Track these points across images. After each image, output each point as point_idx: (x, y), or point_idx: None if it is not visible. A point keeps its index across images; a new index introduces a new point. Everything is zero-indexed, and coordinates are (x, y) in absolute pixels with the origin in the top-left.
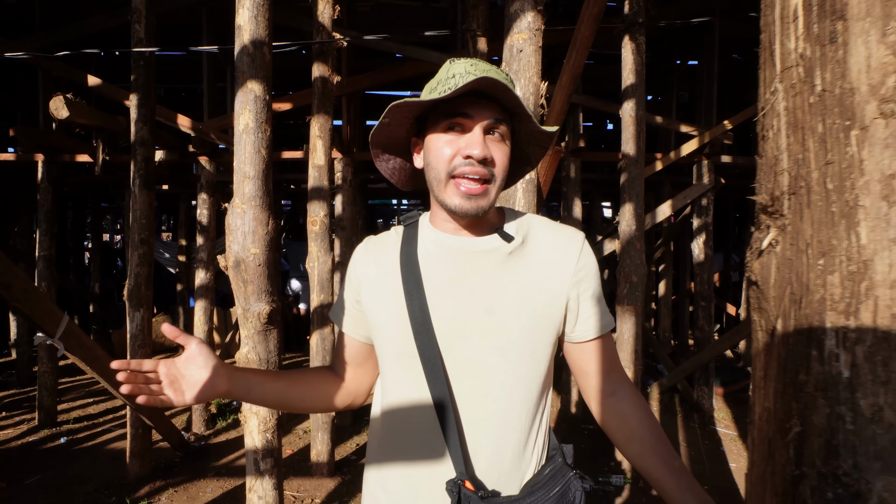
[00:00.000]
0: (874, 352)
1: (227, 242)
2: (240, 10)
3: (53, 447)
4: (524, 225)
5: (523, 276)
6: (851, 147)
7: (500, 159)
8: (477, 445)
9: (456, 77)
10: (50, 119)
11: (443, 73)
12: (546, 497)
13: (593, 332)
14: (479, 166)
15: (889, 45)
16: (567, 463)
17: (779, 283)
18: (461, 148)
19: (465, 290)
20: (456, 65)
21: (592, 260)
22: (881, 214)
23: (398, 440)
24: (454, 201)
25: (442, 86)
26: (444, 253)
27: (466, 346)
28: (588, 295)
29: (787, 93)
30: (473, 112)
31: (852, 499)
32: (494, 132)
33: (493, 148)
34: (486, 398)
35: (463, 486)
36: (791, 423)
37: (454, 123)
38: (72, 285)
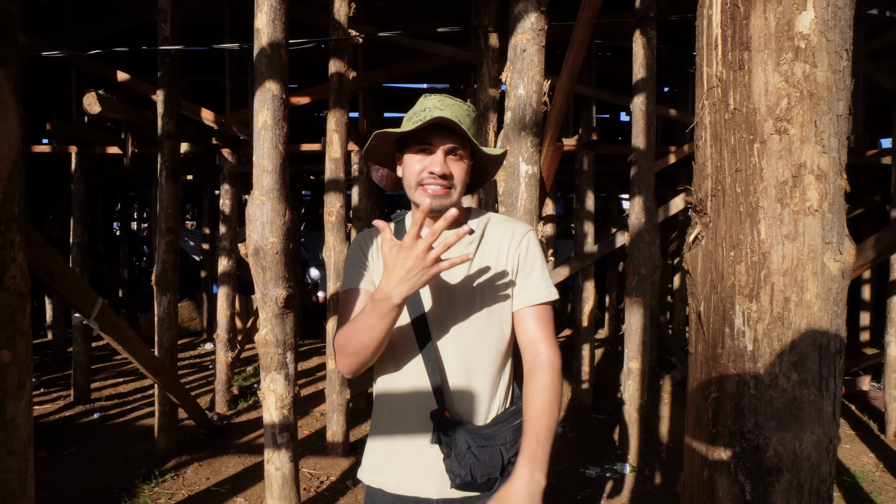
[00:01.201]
0: (771, 329)
1: (247, 232)
2: (258, 14)
3: (87, 422)
4: (484, 221)
5: (482, 259)
6: (754, 157)
7: (458, 173)
8: (454, 388)
9: (426, 111)
10: (82, 113)
11: (418, 105)
12: (506, 427)
13: (523, 304)
14: (439, 179)
15: (782, 74)
16: None
17: (703, 272)
18: (426, 166)
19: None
20: (428, 100)
21: (534, 246)
22: (776, 214)
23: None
24: (424, 200)
25: (416, 116)
26: None
27: (446, 313)
28: (524, 274)
29: (710, 109)
30: (435, 140)
31: (754, 451)
32: (454, 153)
33: (453, 165)
34: (461, 353)
35: (443, 414)
36: (710, 390)
37: (422, 148)
38: (102, 271)
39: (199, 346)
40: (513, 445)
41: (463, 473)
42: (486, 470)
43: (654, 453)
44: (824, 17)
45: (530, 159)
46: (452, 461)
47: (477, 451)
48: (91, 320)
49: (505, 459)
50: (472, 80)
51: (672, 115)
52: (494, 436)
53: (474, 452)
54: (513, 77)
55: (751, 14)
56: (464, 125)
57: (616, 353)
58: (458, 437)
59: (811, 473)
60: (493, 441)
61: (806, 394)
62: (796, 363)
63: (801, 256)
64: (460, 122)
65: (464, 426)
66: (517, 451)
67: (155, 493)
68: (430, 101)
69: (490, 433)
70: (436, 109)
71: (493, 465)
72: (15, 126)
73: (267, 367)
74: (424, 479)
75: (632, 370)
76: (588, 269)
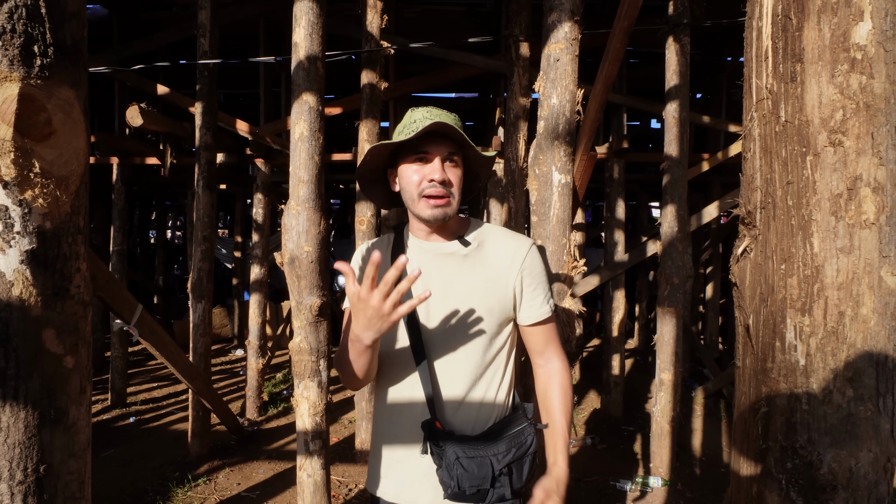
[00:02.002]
0: (825, 343)
1: (282, 241)
2: (296, 29)
3: (123, 425)
4: (482, 233)
5: (478, 273)
6: (807, 170)
7: (456, 180)
8: (449, 398)
9: (417, 122)
10: (124, 125)
11: (407, 119)
12: (499, 437)
13: (531, 320)
14: (440, 187)
15: (837, 85)
16: (528, 419)
17: (752, 285)
18: (426, 175)
19: (436, 282)
20: (416, 112)
21: (536, 261)
22: (830, 227)
23: (393, 392)
24: (426, 212)
25: (407, 129)
26: (418, 254)
27: (439, 326)
28: (529, 290)
29: (760, 121)
30: (431, 148)
31: (807, 468)
32: (450, 160)
33: (450, 172)
34: (456, 365)
35: (434, 424)
36: (760, 405)
37: (419, 157)
38: (139, 278)
39: (230, 352)
40: (504, 456)
41: (452, 484)
42: (474, 481)
43: (687, 467)
44: (882, 28)
45: (563, 168)
46: (443, 472)
47: (465, 461)
48: (131, 326)
49: (495, 470)
50: (501, 89)
51: (705, 122)
52: (486, 446)
53: (462, 463)
54: (546, 87)
55: (804, 26)
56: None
57: (646, 364)
58: (448, 448)
59: (868, 492)
60: (484, 452)
61: (862, 410)
62: (852, 379)
63: (856, 270)
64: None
65: (455, 436)
66: (510, 462)
67: (188, 498)
68: (418, 114)
69: (480, 444)
70: (426, 120)
71: (482, 477)
72: (84, 143)
73: (300, 375)
74: (419, 488)
75: (664, 381)
76: (618, 279)
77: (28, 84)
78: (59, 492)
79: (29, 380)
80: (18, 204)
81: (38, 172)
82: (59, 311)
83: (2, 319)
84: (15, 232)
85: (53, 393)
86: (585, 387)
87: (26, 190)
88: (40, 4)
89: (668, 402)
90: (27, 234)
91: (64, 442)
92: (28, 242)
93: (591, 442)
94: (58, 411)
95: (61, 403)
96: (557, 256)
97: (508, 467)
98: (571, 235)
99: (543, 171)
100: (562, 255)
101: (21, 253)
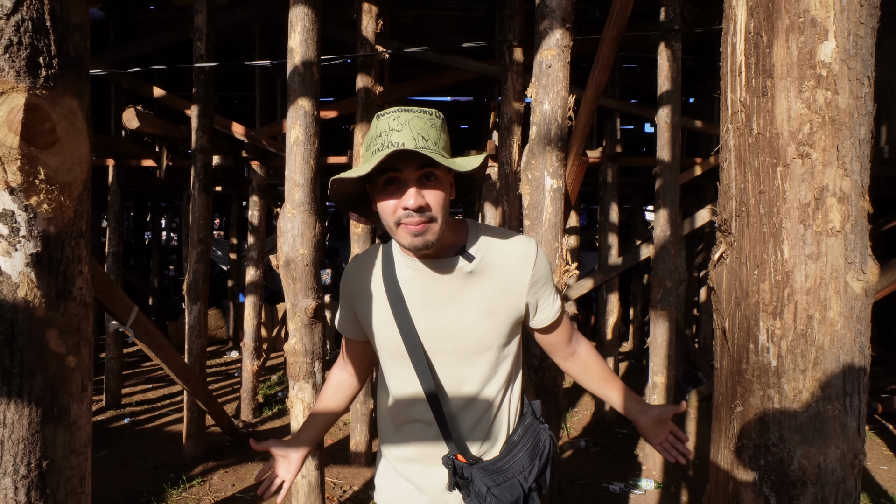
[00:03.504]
0: (795, 345)
1: (278, 244)
2: (291, 34)
3: (118, 426)
4: (483, 243)
5: (486, 288)
6: (777, 180)
7: (436, 201)
8: (462, 424)
9: (382, 136)
10: (120, 127)
11: (373, 129)
12: (521, 451)
13: (549, 320)
14: (416, 215)
15: (804, 100)
16: (537, 417)
17: (727, 289)
18: (399, 202)
19: (438, 304)
20: (381, 121)
21: (543, 264)
22: (799, 235)
23: (401, 423)
24: (406, 240)
25: (374, 144)
26: (416, 275)
27: (445, 349)
28: (544, 294)
29: (735, 133)
30: (402, 167)
31: (778, 465)
32: (427, 178)
33: (428, 194)
34: (465, 387)
35: (455, 458)
36: (735, 404)
37: (390, 178)
38: (133, 279)
39: (225, 354)
40: (531, 472)
41: None
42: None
43: (680, 469)
44: (846, 46)
45: (555, 174)
46: (473, 502)
47: (497, 490)
48: (127, 328)
49: (525, 488)
50: (496, 93)
51: (697, 126)
52: (510, 468)
53: (494, 493)
54: (538, 92)
55: (773, 43)
56: (429, 140)
57: (640, 367)
58: (476, 479)
59: (836, 487)
60: (510, 473)
61: (830, 409)
62: (820, 379)
63: (823, 276)
64: (425, 139)
65: (479, 465)
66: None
67: (182, 499)
68: (384, 123)
69: (505, 465)
70: (393, 132)
71: (514, 499)
72: (87, 151)
73: (295, 376)
74: None
75: (657, 384)
76: (612, 282)
77: (34, 94)
78: (60, 486)
79: (33, 378)
80: (24, 209)
81: (43, 179)
82: (63, 312)
83: (7, 320)
84: (21, 236)
85: (56, 391)
86: (579, 389)
87: (32, 196)
88: (45, 18)
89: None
90: (32, 238)
91: (66, 438)
92: (33, 246)
93: (585, 445)
94: (60, 409)
95: (64, 401)
96: (550, 260)
97: (536, 482)
98: (563, 239)
99: (536, 175)
100: (554, 259)
101: (26, 256)
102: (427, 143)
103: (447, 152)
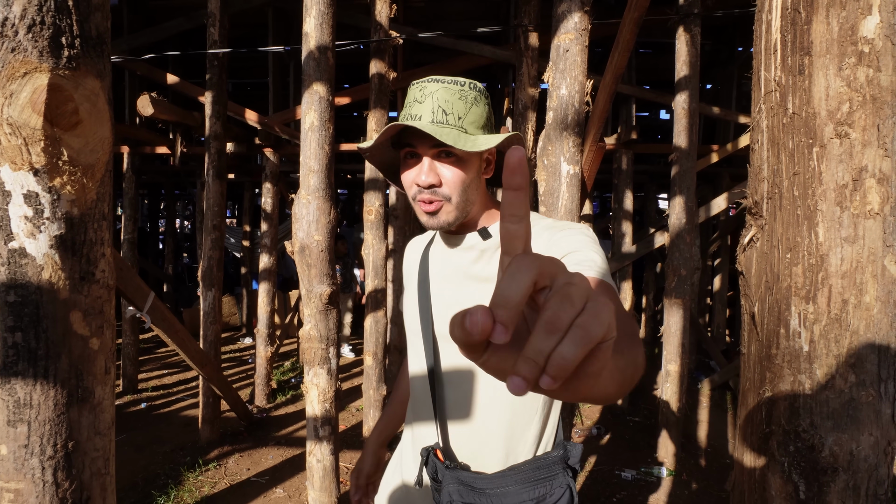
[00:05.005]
0: (828, 330)
1: (293, 230)
2: (306, 19)
3: (135, 411)
4: None
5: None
6: (813, 161)
7: (452, 179)
8: (457, 420)
9: (407, 107)
10: (135, 114)
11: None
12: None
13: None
14: (427, 192)
15: (844, 78)
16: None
17: (757, 273)
18: (414, 177)
19: (453, 283)
20: (411, 90)
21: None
22: (835, 217)
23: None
24: (422, 218)
25: (406, 109)
26: (438, 251)
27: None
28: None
29: (768, 113)
30: (417, 143)
31: (809, 451)
32: (448, 154)
33: (445, 171)
34: (472, 380)
35: (433, 453)
36: (764, 390)
37: (408, 153)
38: (148, 266)
39: (239, 340)
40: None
41: None
42: None
43: (693, 458)
44: (890, 21)
45: (572, 159)
46: None
47: None
48: (144, 313)
49: None
50: (510, 79)
51: (715, 113)
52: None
53: None
54: (555, 77)
55: (812, 19)
56: (451, 114)
57: (652, 356)
58: (446, 485)
59: (868, 475)
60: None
61: (864, 395)
62: (854, 365)
63: (860, 259)
64: (446, 112)
65: (456, 471)
66: None
67: (199, 482)
68: (412, 93)
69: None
70: (415, 104)
71: None
72: (108, 132)
73: (310, 362)
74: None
75: (670, 373)
76: (625, 270)
77: (56, 74)
78: (86, 467)
79: (58, 360)
80: (48, 191)
81: (66, 160)
82: (86, 294)
83: (33, 302)
84: (45, 218)
85: (80, 373)
86: None
87: (55, 177)
88: None
89: (675, 393)
90: (56, 219)
91: (90, 420)
92: (57, 228)
93: (597, 432)
94: (84, 391)
95: (88, 383)
96: None
97: None
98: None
99: (552, 161)
100: None
101: (50, 238)
102: (447, 118)
103: (477, 127)
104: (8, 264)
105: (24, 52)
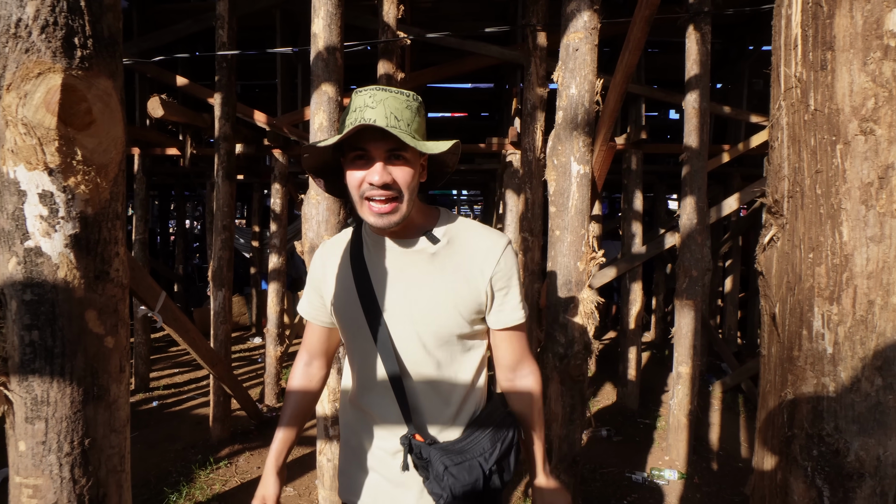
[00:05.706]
0: (853, 332)
1: (303, 230)
2: (315, 20)
3: (147, 409)
4: (452, 229)
5: (448, 271)
6: (836, 159)
7: (403, 178)
8: (422, 405)
9: (356, 111)
10: (145, 116)
11: (351, 103)
12: (482, 434)
13: (501, 325)
14: (381, 190)
15: (869, 73)
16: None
17: (778, 273)
18: (365, 176)
19: (402, 283)
20: (359, 97)
21: (510, 263)
22: (860, 216)
23: (364, 405)
24: (370, 219)
25: (349, 118)
26: (382, 253)
27: (408, 328)
28: (501, 294)
29: (789, 110)
30: (371, 146)
31: (833, 456)
32: (397, 157)
33: (396, 171)
34: (427, 371)
35: (413, 438)
36: (786, 392)
37: (358, 154)
38: (159, 266)
39: (249, 340)
40: (491, 454)
41: (445, 495)
42: (466, 487)
43: (704, 461)
44: None
45: (582, 159)
46: (432, 483)
47: (455, 469)
48: (155, 313)
49: (485, 469)
50: (517, 79)
51: (726, 112)
52: (470, 448)
53: (452, 472)
54: (565, 76)
55: (835, 13)
56: (402, 121)
57: (662, 357)
58: (434, 458)
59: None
60: (470, 454)
61: (891, 399)
62: (881, 367)
63: (887, 259)
64: (397, 118)
65: (437, 445)
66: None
67: (210, 479)
68: (360, 99)
69: (465, 447)
70: (367, 109)
71: (474, 480)
72: (121, 132)
73: None
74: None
75: (681, 374)
76: (635, 271)
77: (70, 75)
78: (102, 464)
79: (74, 358)
80: (62, 190)
81: (80, 160)
82: (101, 293)
83: (49, 300)
84: (59, 217)
85: (96, 371)
86: (601, 379)
87: (69, 177)
88: None
89: (686, 396)
90: (70, 219)
91: (106, 418)
92: (71, 227)
93: (607, 434)
94: (100, 388)
95: (103, 381)
96: (576, 247)
97: (497, 464)
98: (590, 226)
99: (562, 161)
100: (580, 246)
101: (65, 237)
102: (399, 124)
103: (420, 135)
104: (24, 263)
105: (37, 53)
